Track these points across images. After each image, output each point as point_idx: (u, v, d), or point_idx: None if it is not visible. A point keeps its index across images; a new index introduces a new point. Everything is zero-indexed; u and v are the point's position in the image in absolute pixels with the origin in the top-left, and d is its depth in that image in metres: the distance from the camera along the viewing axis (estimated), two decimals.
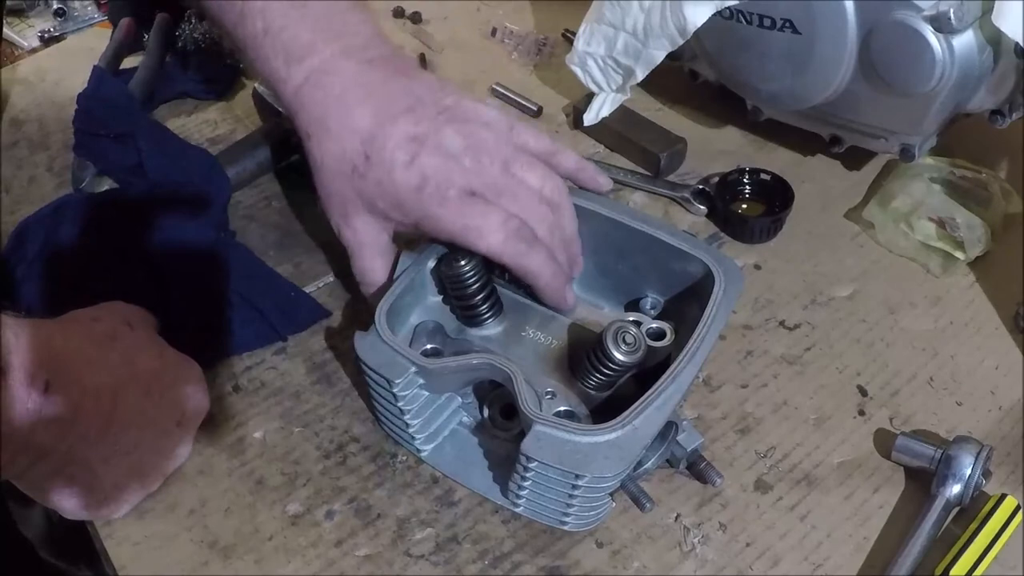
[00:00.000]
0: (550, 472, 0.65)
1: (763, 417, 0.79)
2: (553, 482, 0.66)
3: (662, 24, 0.91)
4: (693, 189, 0.96)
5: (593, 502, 0.68)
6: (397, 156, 0.73)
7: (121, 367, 0.69)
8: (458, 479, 0.74)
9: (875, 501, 0.73)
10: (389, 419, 0.74)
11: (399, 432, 0.75)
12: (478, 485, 0.74)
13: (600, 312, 0.79)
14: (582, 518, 0.69)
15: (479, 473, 0.74)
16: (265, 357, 0.83)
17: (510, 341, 0.75)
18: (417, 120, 0.74)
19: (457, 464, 0.75)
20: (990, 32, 0.80)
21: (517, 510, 0.72)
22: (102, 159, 0.93)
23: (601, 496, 0.67)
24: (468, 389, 0.76)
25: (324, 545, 0.71)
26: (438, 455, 0.75)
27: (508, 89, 1.09)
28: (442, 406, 0.75)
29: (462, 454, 0.75)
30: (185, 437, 0.74)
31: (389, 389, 0.70)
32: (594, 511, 0.69)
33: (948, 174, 0.93)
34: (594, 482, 0.65)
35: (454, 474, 0.75)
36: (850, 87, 0.88)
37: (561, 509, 0.68)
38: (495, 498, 0.73)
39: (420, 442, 0.74)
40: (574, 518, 0.69)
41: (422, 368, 0.70)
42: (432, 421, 0.74)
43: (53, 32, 1.22)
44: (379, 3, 1.22)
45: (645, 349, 0.70)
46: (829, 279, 0.89)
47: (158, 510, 0.73)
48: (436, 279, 0.77)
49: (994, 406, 0.79)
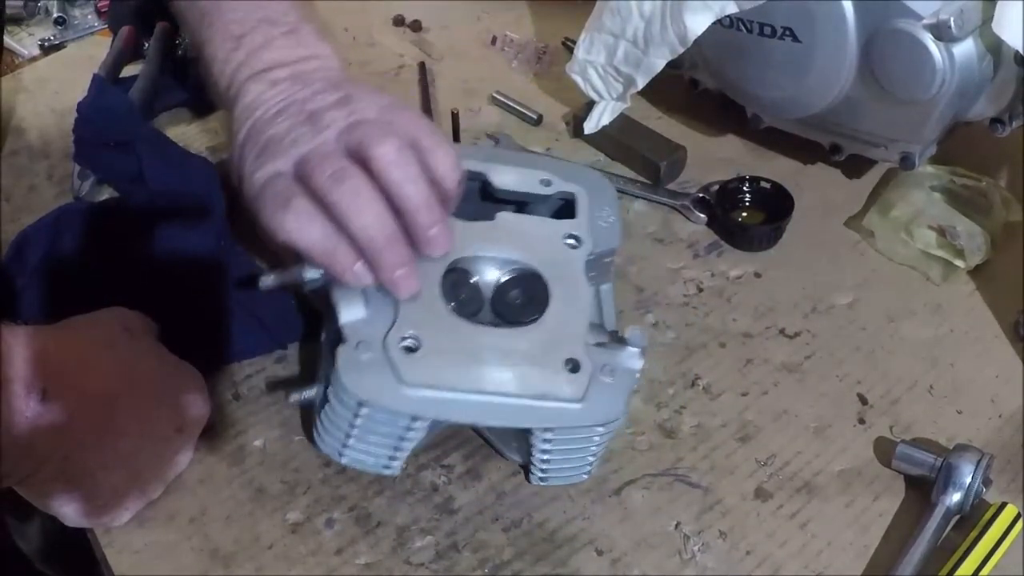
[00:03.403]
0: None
1: (763, 425, 0.79)
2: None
3: (662, 33, 0.91)
4: (693, 197, 0.96)
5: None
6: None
7: (120, 373, 0.69)
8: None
9: (875, 509, 0.73)
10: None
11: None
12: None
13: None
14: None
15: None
16: (265, 365, 0.83)
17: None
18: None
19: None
20: (990, 40, 0.80)
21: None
22: (102, 168, 0.93)
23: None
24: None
25: (324, 553, 0.71)
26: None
27: (508, 97, 1.09)
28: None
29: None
30: (186, 444, 0.74)
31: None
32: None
33: (948, 182, 0.93)
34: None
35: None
36: (850, 95, 0.88)
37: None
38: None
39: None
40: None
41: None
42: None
43: (53, 40, 1.22)
44: (379, 11, 1.22)
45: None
46: (829, 287, 0.89)
47: (158, 518, 0.73)
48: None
49: (994, 414, 0.79)
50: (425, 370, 0.66)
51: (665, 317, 0.87)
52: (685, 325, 0.86)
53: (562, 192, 0.79)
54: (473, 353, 0.68)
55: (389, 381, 0.66)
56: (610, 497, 0.74)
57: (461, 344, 0.68)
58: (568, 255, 0.75)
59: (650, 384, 0.81)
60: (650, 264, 0.91)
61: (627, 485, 0.75)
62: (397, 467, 0.72)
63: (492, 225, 0.76)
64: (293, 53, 0.78)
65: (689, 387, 0.81)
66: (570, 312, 0.72)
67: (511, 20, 1.22)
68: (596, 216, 0.79)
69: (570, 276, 0.74)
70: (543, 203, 0.80)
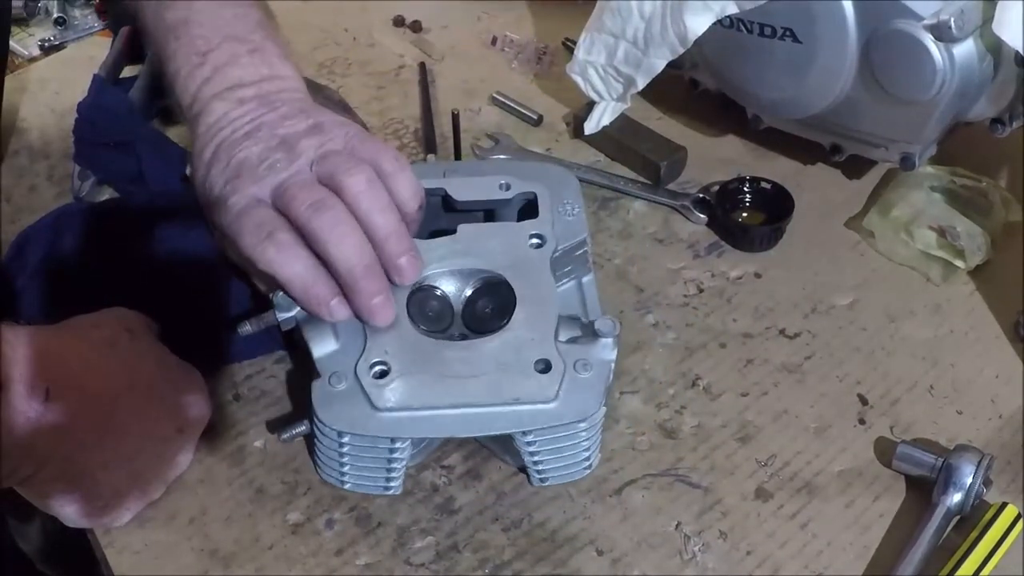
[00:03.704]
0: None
1: (763, 425, 0.79)
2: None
3: (663, 33, 0.91)
4: (693, 198, 0.96)
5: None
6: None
7: (121, 373, 0.69)
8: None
9: (876, 510, 0.73)
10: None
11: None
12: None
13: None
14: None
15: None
16: (265, 366, 0.83)
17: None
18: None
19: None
20: (990, 41, 0.80)
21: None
22: (102, 168, 0.94)
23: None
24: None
25: (324, 554, 0.71)
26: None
27: (508, 98, 1.09)
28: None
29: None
30: (186, 445, 0.74)
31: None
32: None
33: (948, 183, 0.93)
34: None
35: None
36: (850, 96, 0.88)
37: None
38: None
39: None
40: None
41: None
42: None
43: (53, 41, 1.22)
44: (379, 12, 1.22)
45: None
46: (829, 288, 0.89)
47: (159, 519, 0.73)
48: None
49: (994, 415, 0.79)
50: (397, 393, 0.68)
51: (665, 317, 0.87)
52: (685, 325, 0.86)
53: (523, 193, 0.80)
54: (442, 369, 0.69)
55: (363, 409, 0.68)
56: (610, 497, 0.74)
57: (430, 362, 0.70)
58: (532, 256, 0.76)
59: (650, 384, 0.81)
60: (650, 264, 0.91)
61: (627, 485, 0.75)
62: (397, 487, 0.73)
63: (453, 239, 0.77)
64: (258, 72, 0.78)
65: (689, 387, 0.81)
66: (537, 313, 0.72)
67: (511, 20, 1.22)
68: (560, 212, 0.79)
69: (536, 277, 0.75)
70: (507, 207, 0.81)
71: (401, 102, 1.10)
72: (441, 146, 1.03)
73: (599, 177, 0.99)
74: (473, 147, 1.03)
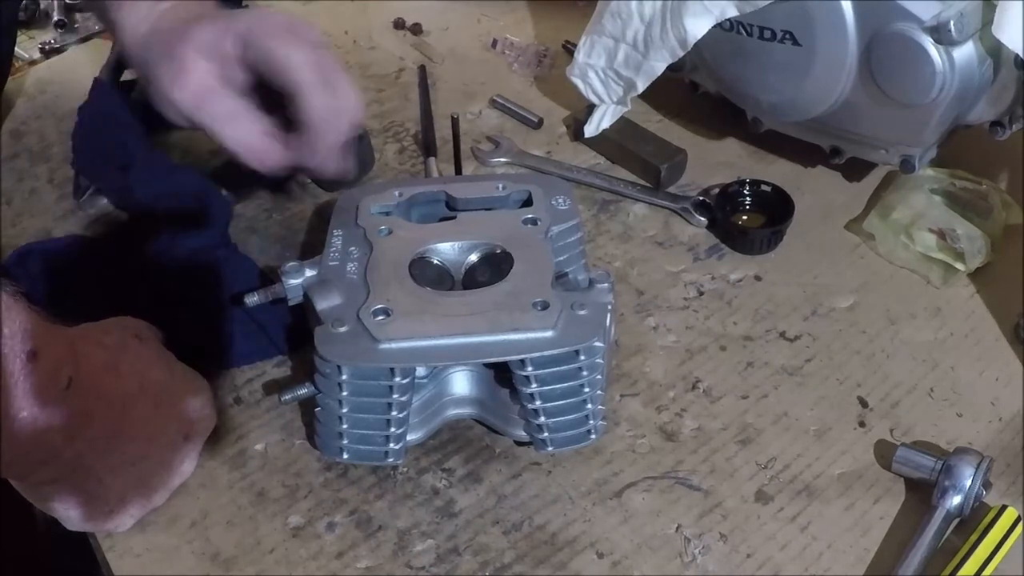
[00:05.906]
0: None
1: (764, 428, 0.79)
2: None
3: (663, 36, 0.91)
4: (693, 201, 0.96)
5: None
6: None
7: (132, 378, 0.69)
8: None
9: (876, 512, 0.73)
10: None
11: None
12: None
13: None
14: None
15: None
16: (266, 369, 0.83)
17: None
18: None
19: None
20: (990, 44, 0.80)
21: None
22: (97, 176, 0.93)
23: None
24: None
25: (325, 557, 0.71)
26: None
27: (508, 100, 1.09)
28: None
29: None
30: (192, 452, 0.75)
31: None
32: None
33: (948, 185, 0.94)
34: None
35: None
36: (850, 98, 0.88)
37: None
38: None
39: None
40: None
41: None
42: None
43: (54, 44, 1.22)
44: (379, 14, 1.22)
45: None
46: (829, 290, 0.89)
47: (160, 522, 0.73)
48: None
49: (994, 417, 0.79)
50: (398, 328, 0.69)
51: (665, 320, 0.87)
52: (685, 328, 0.86)
53: (518, 191, 0.82)
54: (443, 311, 0.71)
55: (365, 342, 0.68)
56: (611, 500, 0.74)
57: (431, 306, 0.71)
58: (529, 231, 0.78)
59: (651, 387, 0.81)
60: (650, 267, 0.91)
61: (628, 488, 0.75)
62: (397, 454, 0.73)
63: (455, 222, 0.80)
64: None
65: (690, 390, 0.81)
66: (535, 270, 0.74)
67: (511, 23, 1.22)
68: (552, 204, 0.81)
69: (533, 246, 0.76)
70: (504, 204, 0.82)
71: (401, 105, 1.10)
72: (441, 149, 1.03)
73: (599, 180, 0.99)
74: (473, 150, 1.03)
